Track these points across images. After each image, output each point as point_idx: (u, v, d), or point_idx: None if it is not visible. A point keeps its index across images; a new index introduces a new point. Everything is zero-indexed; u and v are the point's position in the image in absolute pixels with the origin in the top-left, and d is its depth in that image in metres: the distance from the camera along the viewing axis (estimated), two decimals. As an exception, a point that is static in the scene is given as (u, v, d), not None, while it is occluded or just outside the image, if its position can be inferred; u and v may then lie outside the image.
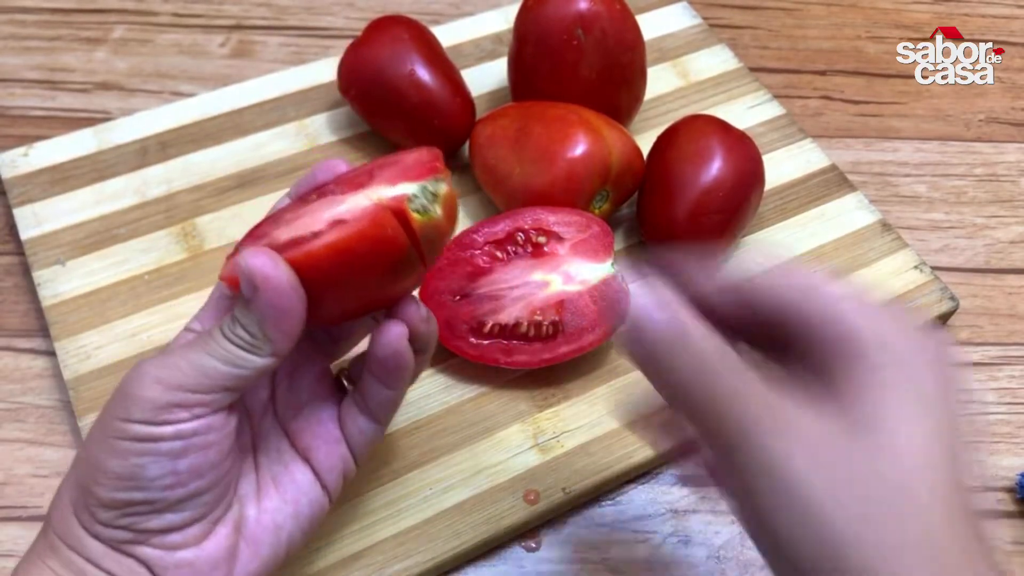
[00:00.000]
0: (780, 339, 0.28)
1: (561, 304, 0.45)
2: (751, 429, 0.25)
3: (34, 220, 0.51)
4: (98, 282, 0.49)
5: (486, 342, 0.45)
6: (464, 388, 0.46)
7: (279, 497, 0.35)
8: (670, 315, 0.27)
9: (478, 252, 0.46)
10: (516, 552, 0.43)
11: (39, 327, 0.49)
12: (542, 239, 0.46)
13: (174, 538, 0.31)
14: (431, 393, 0.46)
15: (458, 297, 0.45)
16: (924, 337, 0.26)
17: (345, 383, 0.38)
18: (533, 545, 0.43)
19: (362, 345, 0.37)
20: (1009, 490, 0.46)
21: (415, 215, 0.31)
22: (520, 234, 0.46)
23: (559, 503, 0.43)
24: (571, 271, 0.45)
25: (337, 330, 0.37)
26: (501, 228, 0.46)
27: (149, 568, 0.31)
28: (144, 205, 0.52)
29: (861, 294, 0.27)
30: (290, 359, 0.35)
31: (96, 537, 0.31)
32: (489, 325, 0.45)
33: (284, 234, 0.31)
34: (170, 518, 0.31)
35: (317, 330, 0.36)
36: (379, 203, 0.31)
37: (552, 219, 0.46)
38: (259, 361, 0.31)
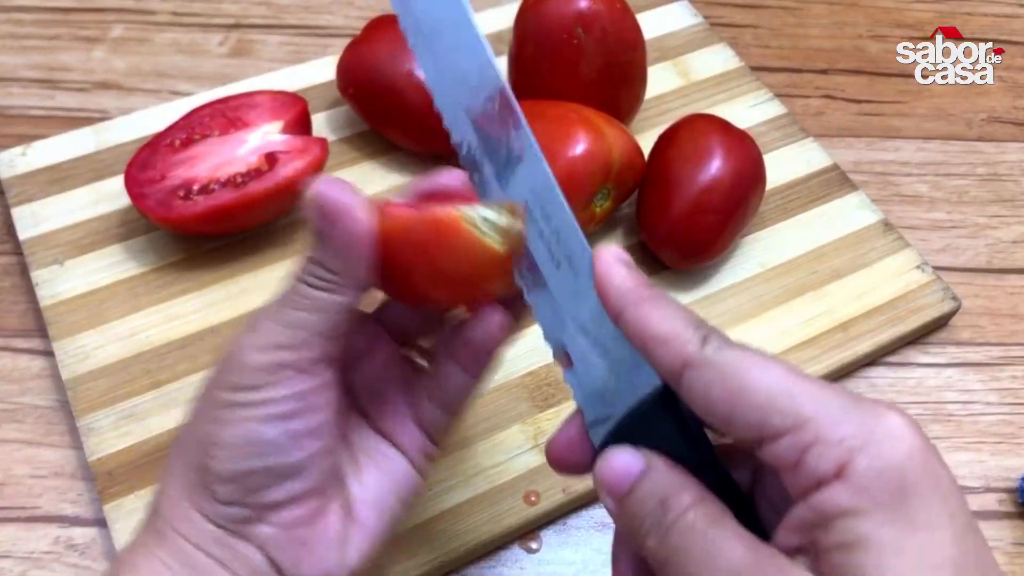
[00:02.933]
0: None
1: (263, 156, 0.49)
2: None
3: (32, 220, 0.51)
4: (97, 282, 0.49)
5: (193, 200, 0.48)
6: (464, 388, 0.46)
7: (377, 472, 0.34)
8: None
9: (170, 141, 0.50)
10: (516, 552, 0.43)
11: (37, 327, 0.49)
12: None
13: (292, 512, 0.31)
14: (431, 393, 0.46)
15: (165, 180, 0.49)
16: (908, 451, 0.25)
17: (420, 361, 0.37)
18: (533, 546, 0.43)
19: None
20: (1010, 491, 0.46)
21: (471, 229, 0.31)
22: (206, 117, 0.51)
23: (559, 504, 0.43)
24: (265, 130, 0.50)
25: (413, 320, 0.37)
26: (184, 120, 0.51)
27: (264, 550, 0.31)
28: (143, 205, 0.52)
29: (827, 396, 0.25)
30: (364, 338, 0.35)
31: (212, 519, 0.30)
32: (195, 188, 0.48)
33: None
34: (289, 487, 0.30)
35: (395, 299, 0.36)
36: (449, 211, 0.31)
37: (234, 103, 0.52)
38: (342, 299, 0.30)
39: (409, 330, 0.37)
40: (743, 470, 0.30)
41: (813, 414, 0.24)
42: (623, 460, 0.28)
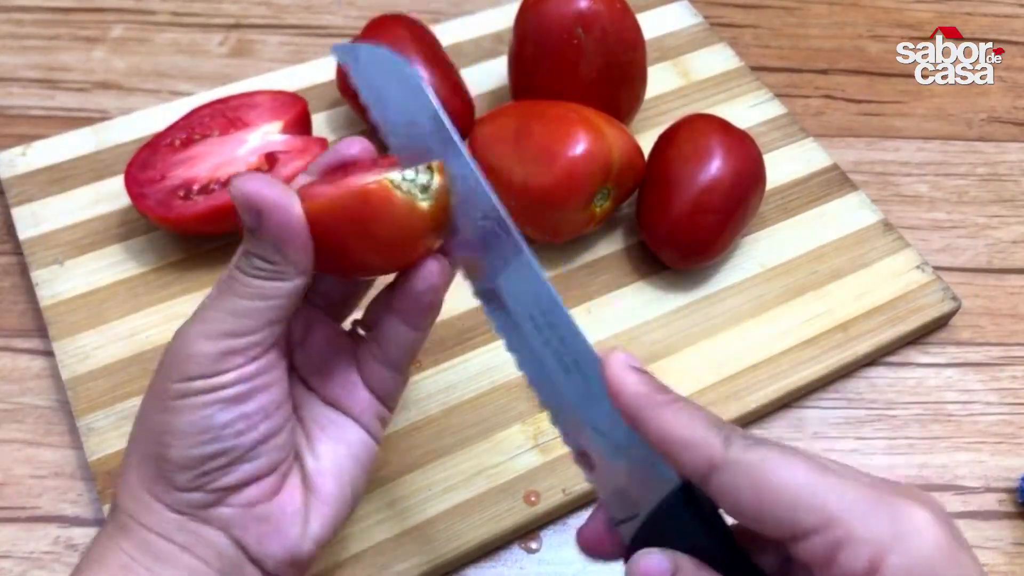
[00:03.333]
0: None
1: (263, 156, 0.49)
2: None
3: (32, 220, 0.51)
4: (96, 282, 0.49)
5: (193, 200, 0.48)
6: (464, 388, 0.46)
7: (331, 442, 0.35)
8: None
9: (170, 140, 0.50)
10: (516, 553, 0.43)
11: (37, 327, 0.49)
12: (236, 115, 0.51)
13: (251, 492, 0.32)
14: (431, 394, 0.46)
15: (165, 180, 0.49)
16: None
17: (360, 330, 0.38)
18: (533, 546, 0.43)
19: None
20: (1010, 491, 0.46)
21: (397, 193, 0.32)
22: (206, 117, 0.51)
23: (559, 504, 0.43)
24: (265, 131, 0.50)
25: (342, 290, 0.37)
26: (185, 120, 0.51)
27: (227, 531, 0.31)
28: (143, 205, 0.52)
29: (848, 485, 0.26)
30: (301, 321, 0.35)
31: (172, 507, 0.31)
32: (195, 188, 0.48)
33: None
34: (246, 468, 0.31)
35: (327, 275, 0.37)
36: (380, 179, 0.32)
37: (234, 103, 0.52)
38: (288, 285, 0.31)
39: (338, 302, 0.37)
40: (770, 554, 0.30)
41: (841, 512, 0.25)
42: (652, 564, 0.28)
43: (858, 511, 0.25)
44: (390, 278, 0.35)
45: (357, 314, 0.38)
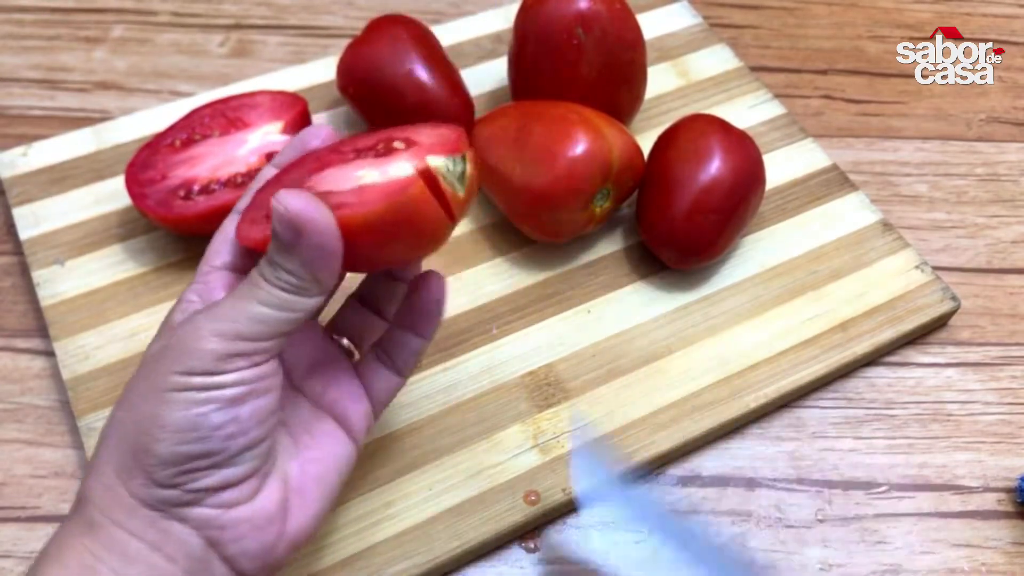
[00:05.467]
0: None
1: (263, 156, 0.49)
2: None
3: (33, 220, 0.51)
4: (97, 282, 0.49)
5: (193, 201, 0.48)
6: (464, 388, 0.46)
7: (317, 448, 0.35)
8: None
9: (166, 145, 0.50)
10: (516, 553, 0.43)
11: (38, 327, 0.49)
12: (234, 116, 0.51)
13: (230, 495, 0.31)
14: (431, 393, 0.46)
15: (165, 180, 0.49)
16: None
17: (350, 347, 0.38)
18: (533, 546, 0.43)
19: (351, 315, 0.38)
20: (1009, 491, 0.46)
21: (447, 187, 0.32)
22: (205, 118, 0.51)
23: (559, 503, 0.43)
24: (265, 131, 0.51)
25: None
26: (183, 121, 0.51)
27: (202, 531, 0.31)
28: (143, 205, 0.52)
29: None
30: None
31: (147, 503, 0.30)
32: (195, 188, 0.48)
33: (318, 187, 0.32)
34: (227, 472, 0.31)
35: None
36: (420, 170, 0.31)
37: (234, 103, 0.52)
38: (310, 302, 0.31)
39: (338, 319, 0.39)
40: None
41: None
42: None
43: None
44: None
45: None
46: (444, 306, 0.37)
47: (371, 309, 0.39)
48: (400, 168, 0.32)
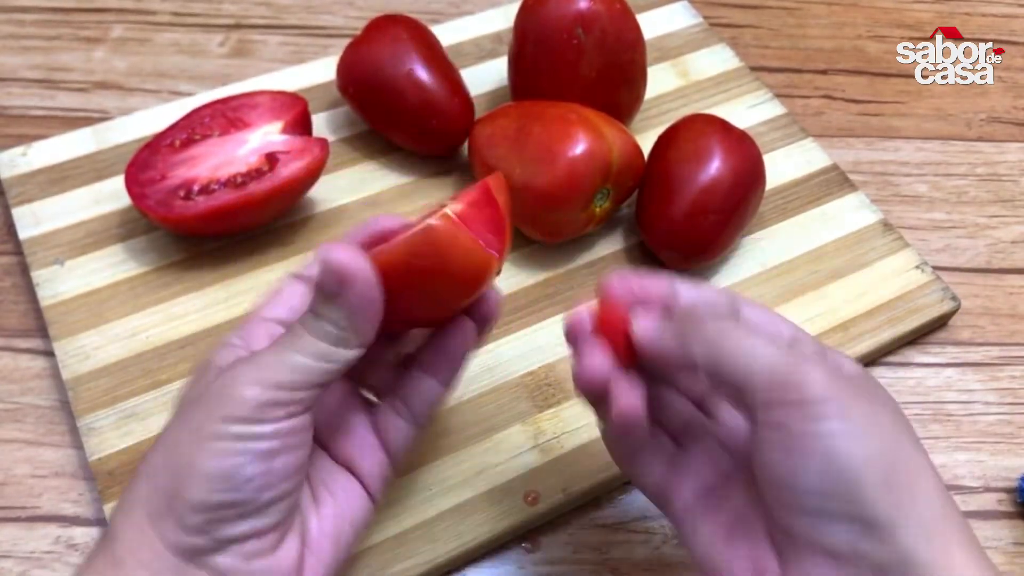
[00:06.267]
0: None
1: (263, 156, 0.49)
2: None
3: (33, 220, 0.51)
4: (97, 282, 0.49)
5: (194, 201, 0.48)
6: (464, 388, 0.46)
7: (335, 504, 0.35)
8: None
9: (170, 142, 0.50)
10: (516, 553, 0.43)
11: (38, 327, 0.49)
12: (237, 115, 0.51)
13: (253, 545, 0.31)
14: (431, 393, 0.46)
15: (165, 180, 0.49)
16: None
17: (370, 396, 0.38)
18: (532, 546, 0.43)
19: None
20: (1010, 491, 0.46)
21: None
22: (206, 118, 0.51)
23: (559, 504, 0.43)
24: (265, 131, 0.51)
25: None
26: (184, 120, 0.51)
27: None
28: (143, 205, 0.52)
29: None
30: None
31: (174, 547, 0.30)
32: (195, 188, 0.48)
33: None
34: (254, 523, 0.31)
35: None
36: (448, 215, 0.32)
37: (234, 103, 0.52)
38: (349, 353, 0.32)
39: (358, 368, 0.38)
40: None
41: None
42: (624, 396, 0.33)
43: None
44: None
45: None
46: (469, 357, 0.37)
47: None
48: (431, 219, 0.32)
